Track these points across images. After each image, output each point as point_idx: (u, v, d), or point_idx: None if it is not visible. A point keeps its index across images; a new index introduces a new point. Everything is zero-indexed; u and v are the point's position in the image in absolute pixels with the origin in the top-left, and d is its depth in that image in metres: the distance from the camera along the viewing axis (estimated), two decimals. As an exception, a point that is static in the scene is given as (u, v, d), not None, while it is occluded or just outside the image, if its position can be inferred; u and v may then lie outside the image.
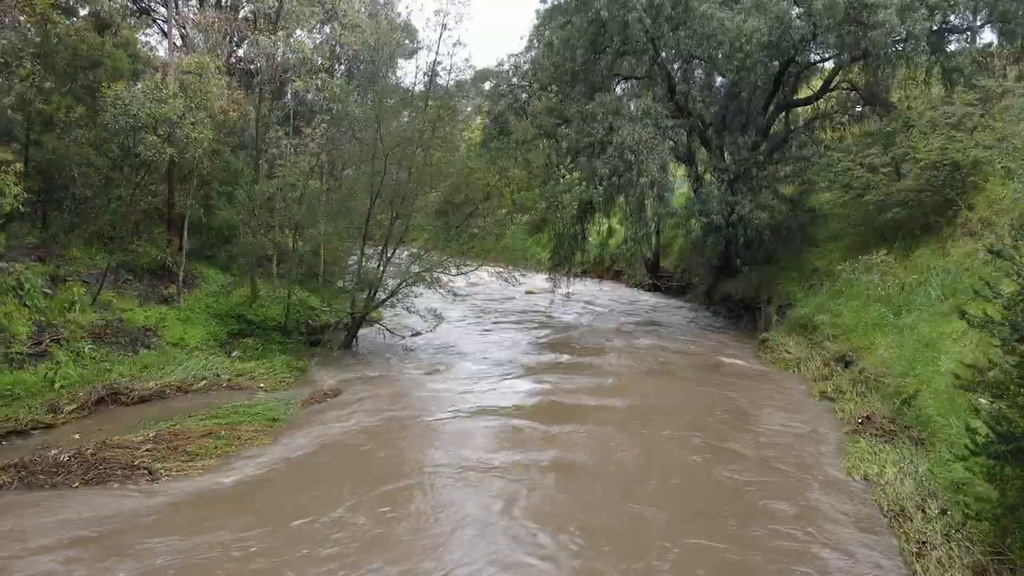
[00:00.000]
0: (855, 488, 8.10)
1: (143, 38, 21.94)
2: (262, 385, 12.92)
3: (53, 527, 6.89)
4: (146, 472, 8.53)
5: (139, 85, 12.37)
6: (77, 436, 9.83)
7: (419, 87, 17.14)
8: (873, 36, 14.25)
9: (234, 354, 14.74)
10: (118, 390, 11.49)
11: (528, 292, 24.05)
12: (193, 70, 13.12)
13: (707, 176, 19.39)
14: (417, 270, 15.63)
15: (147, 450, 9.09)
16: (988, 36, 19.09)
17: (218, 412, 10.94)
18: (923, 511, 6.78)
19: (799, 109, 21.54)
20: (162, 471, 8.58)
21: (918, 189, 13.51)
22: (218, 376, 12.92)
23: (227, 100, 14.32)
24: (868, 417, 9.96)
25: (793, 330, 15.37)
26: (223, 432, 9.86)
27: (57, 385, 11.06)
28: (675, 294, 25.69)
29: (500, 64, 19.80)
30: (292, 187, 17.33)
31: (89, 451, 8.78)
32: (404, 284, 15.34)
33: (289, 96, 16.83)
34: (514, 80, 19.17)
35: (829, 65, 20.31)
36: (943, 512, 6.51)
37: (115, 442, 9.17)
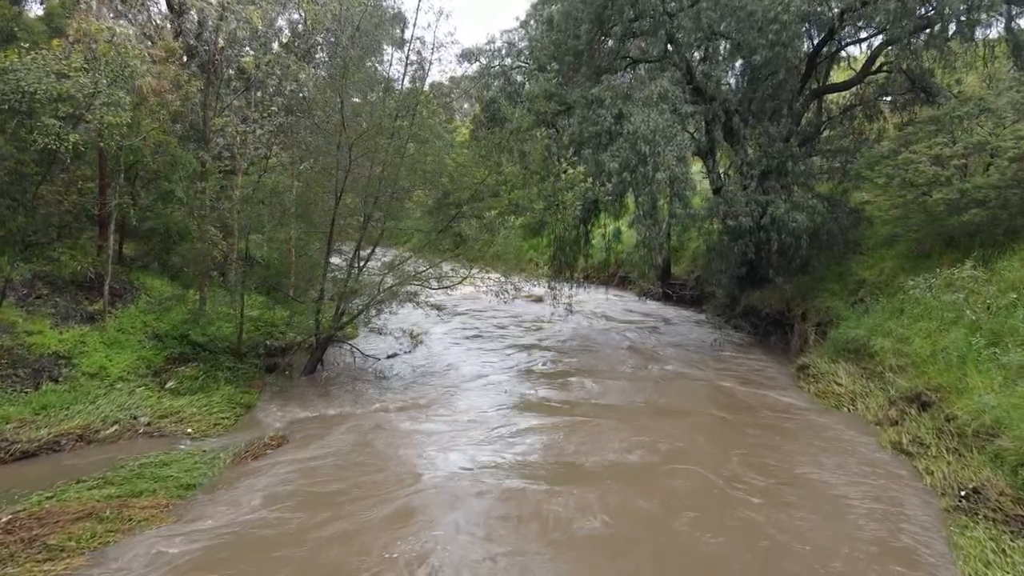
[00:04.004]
0: (993, 618, 5.56)
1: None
2: (190, 430, 10.39)
3: None
4: (-26, 585, 6.01)
5: (31, 55, 9.77)
6: (-85, 516, 7.30)
7: (406, 80, 14.62)
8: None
9: (168, 385, 12.23)
10: (-6, 443, 8.96)
11: (525, 297, 21.51)
12: (108, 38, 10.52)
13: (731, 172, 16.84)
14: (391, 283, 13.08)
15: (-11, 546, 6.56)
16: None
17: (116, 475, 8.42)
18: None
19: (832, 96, 18.97)
20: (-1, 583, 6.05)
21: (1002, 185, 10.97)
22: (135, 419, 10.38)
23: (158, 78, 11.75)
24: (976, 490, 7.42)
25: (839, 355, 12.83)
26: (109, 511, 7.32)
27: (-90, 439, 8.54)
28: (688, 304, 23.20)
29: (491, 41, 17.21)
30: (258, 184, 14.82)
31: (-102, 553, 6.25)
32: (374, 302, 12.79)
33: (251, 75, 14.20)
34: (507, 60, 16.63)
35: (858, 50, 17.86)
36: None
37: (-56, 535, 6.65)
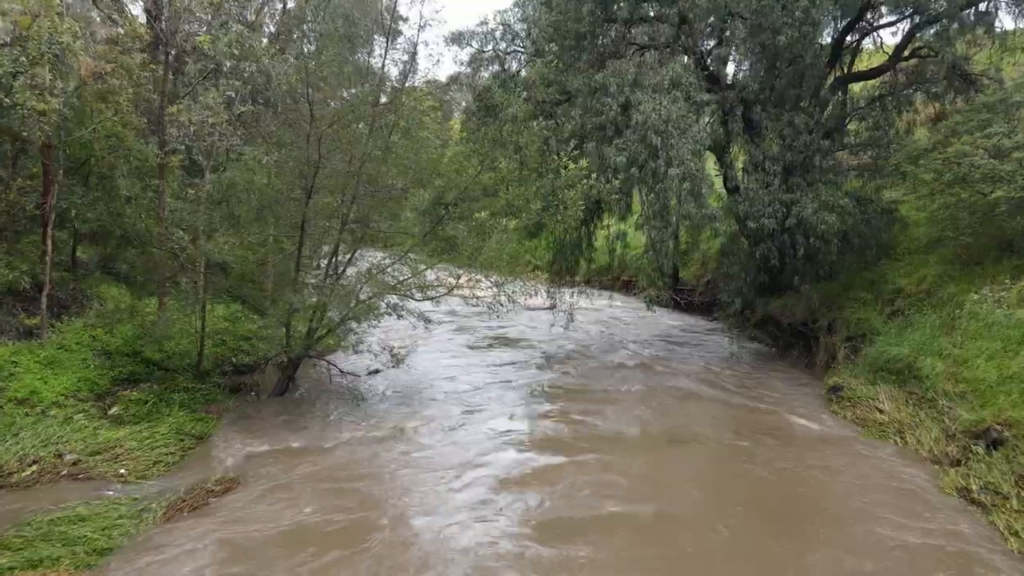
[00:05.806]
0: None
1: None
2: (123, 471, 8.81)
3: None
4: None
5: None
6: None
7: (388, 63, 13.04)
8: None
9: (112, 411, 10.68)
10: None
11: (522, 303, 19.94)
12: (31, 10, 8.98)
13: (749, 168, 15.26)
14: (368, 293, 11.52)
15: None
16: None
17: (18, 536, 6.86)
18: None
19: (856, 86, 17.36)
20: None
21: (1075, 182, 9.44)
22: (60, 456, 8.81)
23: (96, 59, 10.21)
24: (1086, 565, 5.88)
25: (876, 375, 11.29)
26: (-10, 592, 5.80)
27: None
28: (699, 311, 21.65)
29: (483, 23, 15.58)
30: (216, 181, 13.26)
31: None
32: (349, 316, 11.26)
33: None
34: (502, 44, 15.06)
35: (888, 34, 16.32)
36: None
37: None
